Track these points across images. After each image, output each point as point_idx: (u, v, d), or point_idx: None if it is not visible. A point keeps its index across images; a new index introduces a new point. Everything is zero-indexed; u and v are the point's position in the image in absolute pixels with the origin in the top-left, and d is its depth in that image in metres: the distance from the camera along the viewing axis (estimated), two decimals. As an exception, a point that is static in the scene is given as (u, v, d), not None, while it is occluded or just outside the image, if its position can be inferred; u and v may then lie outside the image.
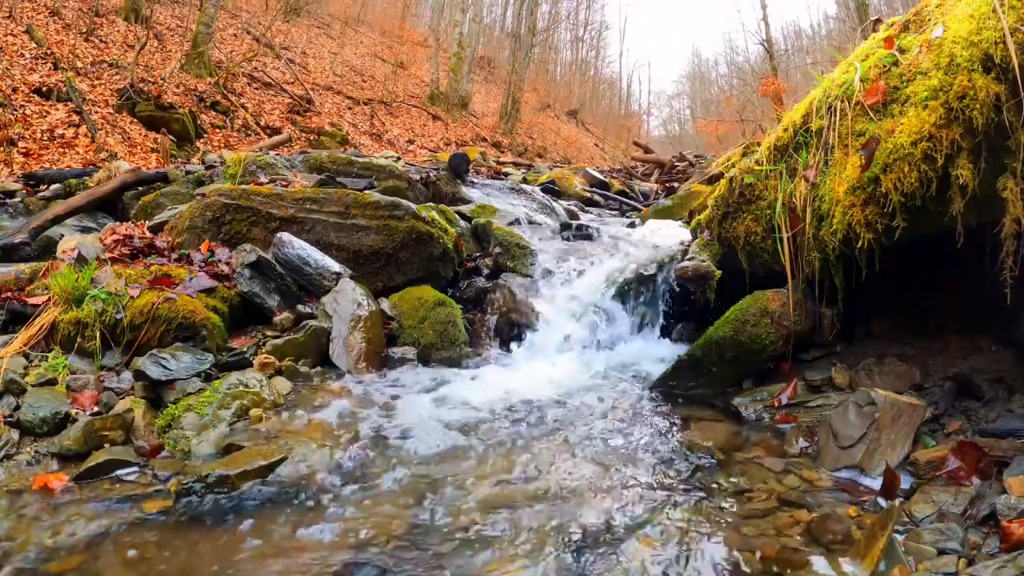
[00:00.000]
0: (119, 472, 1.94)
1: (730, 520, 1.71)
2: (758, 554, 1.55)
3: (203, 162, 5.44)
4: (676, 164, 10.95)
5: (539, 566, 1.53)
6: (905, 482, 1.81)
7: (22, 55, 8.42)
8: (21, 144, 6.77)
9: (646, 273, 3.46)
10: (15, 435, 2.00)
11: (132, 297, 2.52)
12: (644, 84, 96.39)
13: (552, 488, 1.90)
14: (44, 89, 7.86)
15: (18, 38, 8.79)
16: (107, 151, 7.18)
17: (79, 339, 2.43)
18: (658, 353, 3.21)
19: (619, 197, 7.24)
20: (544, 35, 28.94)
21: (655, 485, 1.93)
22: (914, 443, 1.96)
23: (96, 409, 2.16)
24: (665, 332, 3.41)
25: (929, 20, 2.19)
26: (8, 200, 4.66)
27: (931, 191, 1.97)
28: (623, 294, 3.43)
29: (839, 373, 2.45)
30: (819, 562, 1.51)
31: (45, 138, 7.09)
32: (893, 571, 1.39)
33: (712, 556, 1.55)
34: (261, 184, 4.04)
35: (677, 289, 3.31)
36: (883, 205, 2.09)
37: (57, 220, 3.95)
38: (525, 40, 19.89)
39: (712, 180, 6.35)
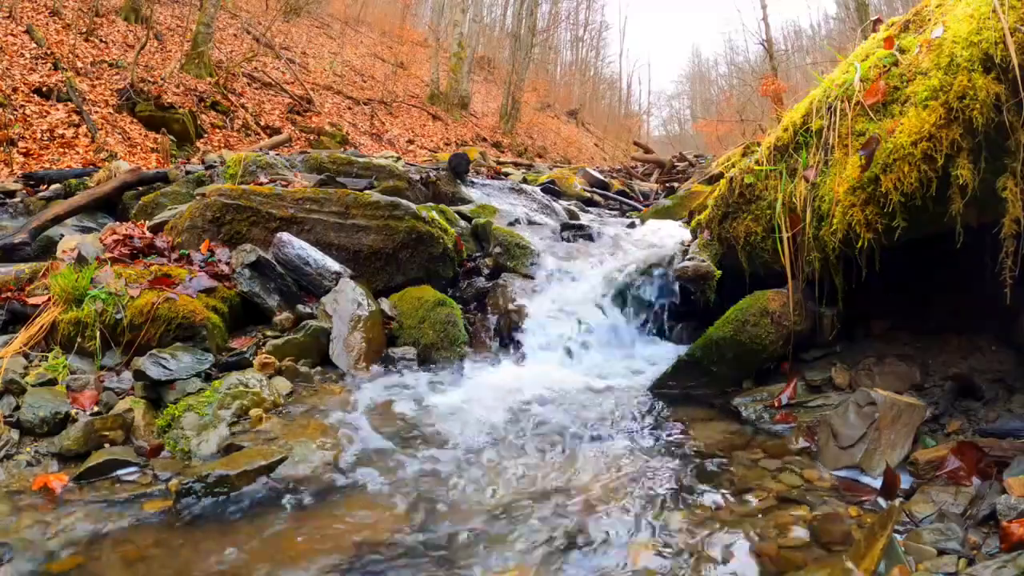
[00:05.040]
0: (119, 472, 1.94)
1: (730, 520, 1.71)
2: (758, 554, 1.55)
3: (203, 162, 5.43)
4: (676, 164, 10.95)
5: (539, 567, 1.53)
6: (905, 482, 1.81)
7: (22, 55, 8.41)
8: (21, 144, 6.77)
9: (646, 273, 3.46)
10: (15, 435, 2.00)
11: (132, 297, 2.52)
12: (644, 84, 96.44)
13: (552, 488, 1.90)
14: (44, 89, 7.86)
15: (18, 38, 8.79)
16: (107, 151, 7.17)
17: (79, 339, 2.43)
18: (658, 353, 3.21)
19: (619, 197, 7.24)
20: (544, 35, 28.94)
21: (655, 485, 1.93)
22: (914, 443, 1.96)
23: (96, 409, 2.16)
24: (665, 332, 3.41)
25: (929, 20, 2.19)
26: (8, 200, 4.65)
27: (931, 191, 1.97)
28: (623, 294, 3.43)
29: (839, 373, 2.45)
30: (819, 562, 1.51)
31: (45, 138, 7.09)
32: (893, 571, 1.39)
33: (712, 556, 1.55)
34: (261, 184, 4.04)
35: (677, 289, 3.31)
36: (883, 205, 2.09)
37: (57, 220, 3.94)
38: (525, 40, 19.88)
39: (712, 180, 6.35)
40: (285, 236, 3.20)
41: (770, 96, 17.90)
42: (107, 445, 2.05)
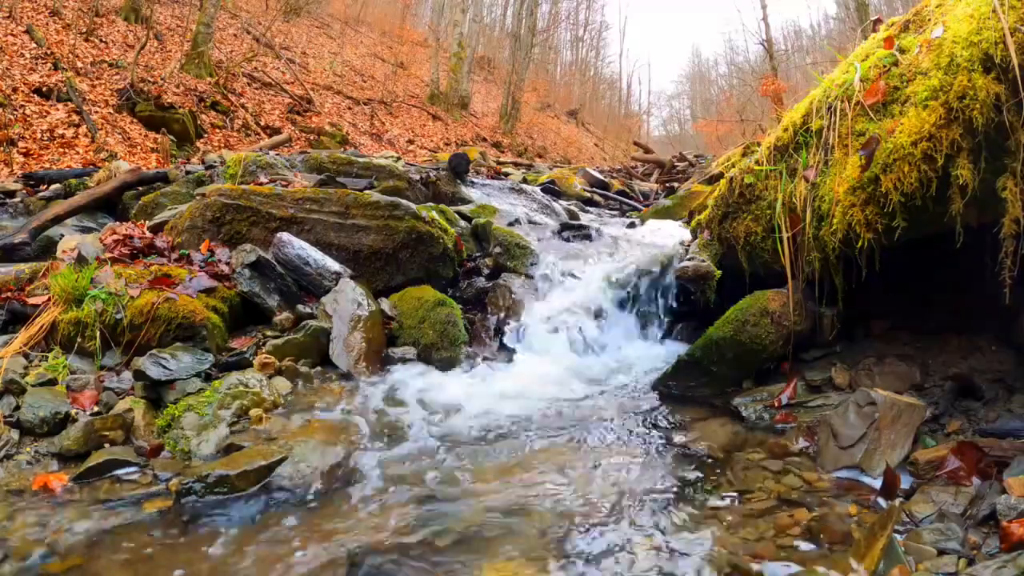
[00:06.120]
0: (119, 472, 1.94)
1: (730, 520, 1.71)
2: (758, 554, 1.55)
3: (203, 162, 5.43)
4: (676, 164, 10.96)
5: (539, 567, 1.53)
6: (905, 482, 1.81)
7: (22, 55, 8.41)
8: (21, 144, 6.77)
9: (646, 273, 3.46)
10: (15, 435, 2.00)
11: (132, 297, 2.52)
12: (644, 84, 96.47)
13: (552, 488, 1.90)
14: (44, 89, 7.86)
15: (18, 38, 8.79)
16: (107, 151, 7.17)
17: (79, 339, 2.43)
18: (658, 353, 3.21)
19: (619, 197, 7.24)
20: (544, 35, 28.95)
21: (655, 485, 1.93)
22: (914, 443, 1.96)
23: (96, 409, 2.16)
24: (665, 332, 3.41)
25: (929, 20, 2.19)
26: (8, 200, 4.65)
27: (931, 191, 1.97)
28: (623, 294, 3.43)
29: (839, 373, 2.45)
30: (819, 562, 1.51)
31: (45, 138, 7.09)
32: (893, 571, 1.39)
33: (712, 557, 1.55)
34: (261, 184, 4.04)
35: (677, 289, 3.31)
36: (883, 205, 2.09)
37: (57, 220, 3.94)
38: (525, 40, 19.88)
39: (712, 180, 6.35)
40: (285, 236, 3.20)
41: (770, 96, 17.90)
42: (107, 445, 2.05)
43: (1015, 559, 1.33)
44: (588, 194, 7.04)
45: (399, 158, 7.28)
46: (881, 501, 1.76)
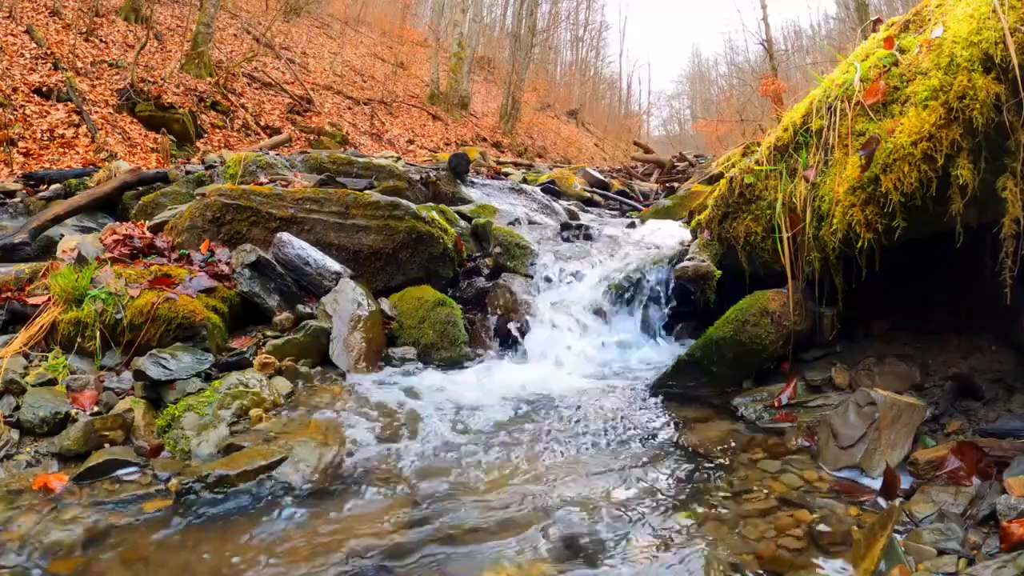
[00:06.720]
0: (119, 472, 1.94)
1: (730, 520, 1.71)
2: (758, 555, 1.55)
3: (203, 162, 5.43)
4: (676, 164, 10.95)
5: (539, 566, 1.53)
6: (905, 482, 1.81)
7: (22, 55, 8.41)
8: (21, 144, 6.77)
9: (646, 273, 3.46)
10: (15, 435, 2.00)
11: (132, 297, 2.52)
12: (644, 84, 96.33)
13: (552, 489, 1.90)
14: (44, 89, 7.86)
15: (18, 38, 8.79)
16: (107, 151, 7.17)
17: (79, 339, 2.43)
18: (658, 353, 3.21)
19: (619, 197, 7.24)
20: (544, 35, 28.95)
21: (655, 485, 1.93)
22: (914, 443, 1.96)
23: (96, 409, 2.16)
24: (665, 332, 3.41)
25: (929, 20, 2.19)
26: (8, 200, 4.65)
27: (931, 191, 1.97)
28: (623, 294, 3.43)
29: (839, 373, 2.45)
30: (819, 562, 1.51)
31: (45, 138, 7.09)
32: (893, 571, 1.39)
33: (712, 557, 1.55)
34: (261, 184, 4.04)
35: (677, 289, 3.31)
36: (883, 205, 2.09)
37: (57, 220, 3.94)
38: (525, 40, 19.88)
39: (712, 180, 6.36)
40: (285, 236, 3.19)
41: (770, 96, 17.90)
42: (107, 445, 2.05)
43: (1015, 559, 1.33)
44: (588, 194, 7.04)
45: (399, 158, 7.27)
46: (881, 501, 1.76)
